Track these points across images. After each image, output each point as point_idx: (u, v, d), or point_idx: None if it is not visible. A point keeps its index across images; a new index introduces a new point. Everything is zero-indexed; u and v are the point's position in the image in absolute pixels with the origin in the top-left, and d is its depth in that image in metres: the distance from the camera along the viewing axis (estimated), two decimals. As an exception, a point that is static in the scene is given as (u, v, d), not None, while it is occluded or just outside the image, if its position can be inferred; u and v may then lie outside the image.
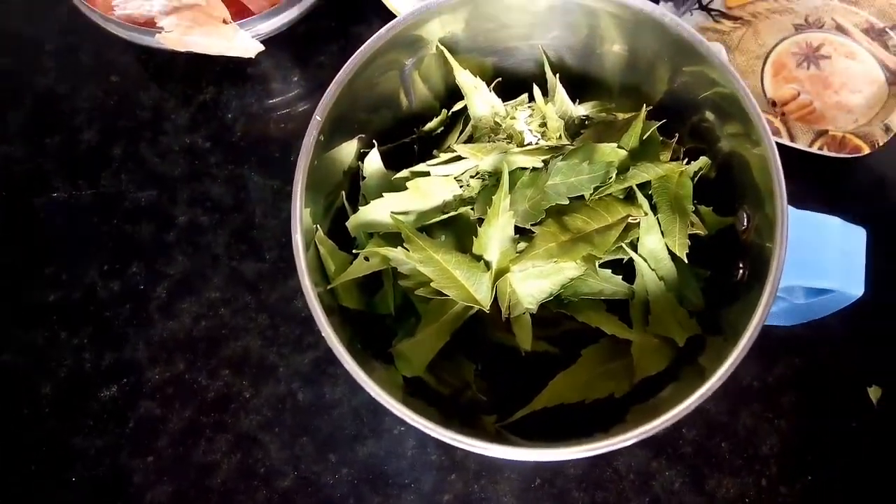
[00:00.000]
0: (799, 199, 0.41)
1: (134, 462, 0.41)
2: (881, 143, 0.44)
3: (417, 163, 0.33)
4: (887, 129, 0.45)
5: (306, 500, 0.40)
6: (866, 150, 0.44)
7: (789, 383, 0.41)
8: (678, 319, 0.32)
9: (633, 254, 0.32)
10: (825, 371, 0.41)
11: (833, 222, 0.29)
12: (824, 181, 0.45)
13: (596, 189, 0.31)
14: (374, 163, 0.34)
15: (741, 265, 0.31)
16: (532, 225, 0.31)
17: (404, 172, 0.33)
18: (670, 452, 0.40)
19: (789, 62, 0.48)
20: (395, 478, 0.40)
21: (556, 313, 0.33)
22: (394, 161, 0.35)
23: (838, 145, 0.44)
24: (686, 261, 0.31)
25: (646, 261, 0.32)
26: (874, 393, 0.41)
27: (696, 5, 0.49)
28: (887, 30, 0.48)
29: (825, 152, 0.44)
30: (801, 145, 0.44)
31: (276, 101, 0.48)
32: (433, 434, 0.27)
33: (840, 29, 0.48)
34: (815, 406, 0.41)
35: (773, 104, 0.47)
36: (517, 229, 0.31)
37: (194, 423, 0.41)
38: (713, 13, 0.49)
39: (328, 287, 0.30)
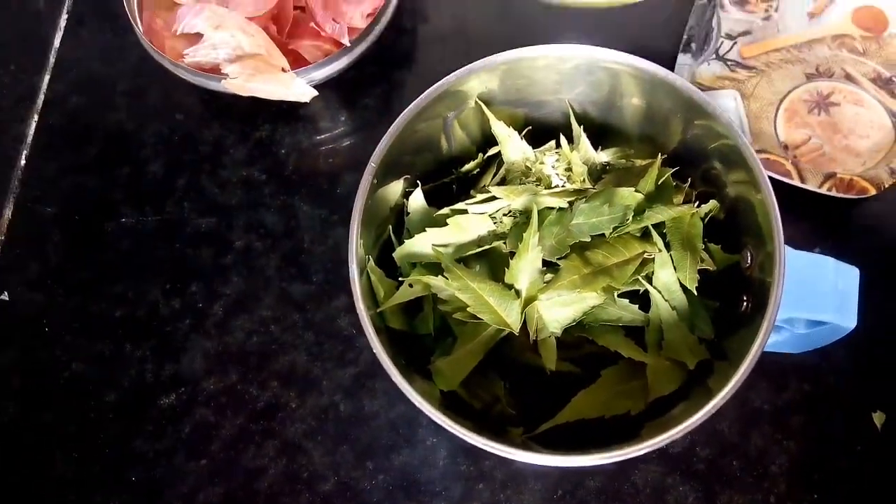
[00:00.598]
0: (807, 236, 0.45)
1: (188, 465, 0.45)
2: (886, 185, 0.47)
3: (456, 201, 0.37)
4: (892, 171, 0.47)
5: (346, 504, 0.43)
6: (872, 192, 0.47)
7: (798, 407, 0.44)
8: (689, 345, 0.35)
9: (648, 286, 0.35)
10: (832, 396, 0.44)
11: (828, 262, 0.33)
12: (831, 220, 0.48)
13: (615, 228, 0.35)
14: (417, 200, 0.38)
15: (745, 298, 0.34)
16: (558, 259, 0.35)
17: (445, 210, 0.37)
18: (685, 469, 0.43)
19: (801, 108, 0.51)
20: (426, 486, 0.43)
21: (578, 337, 0.36)
22: (434, 199, 0.39)
23: (846, 187, 0.47)
24: (696, 293, 0.35)
25: (660, 292, 0.35)
26: (878, 418, 0.43)
27: (714, 56, 0.52)
28: (894, 79, 0.51)
29: (833, 193, 0.47)
30: (811, 186, 0.47)
31: (325, 138, 0.52)
32: (468, 440, 0.30)
33: (849, 78, 0.51)
34: (823, 429, 0.43)
35: (786, 147, 0.50)
36: (544, 262, 0.35)
37: (244, 430, 0.45)
38: (729, 63, 0.52)
39: (378, 310, 0.34)
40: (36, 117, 0.55)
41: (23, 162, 0.53)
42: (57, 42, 0.57)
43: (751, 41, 0.52)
